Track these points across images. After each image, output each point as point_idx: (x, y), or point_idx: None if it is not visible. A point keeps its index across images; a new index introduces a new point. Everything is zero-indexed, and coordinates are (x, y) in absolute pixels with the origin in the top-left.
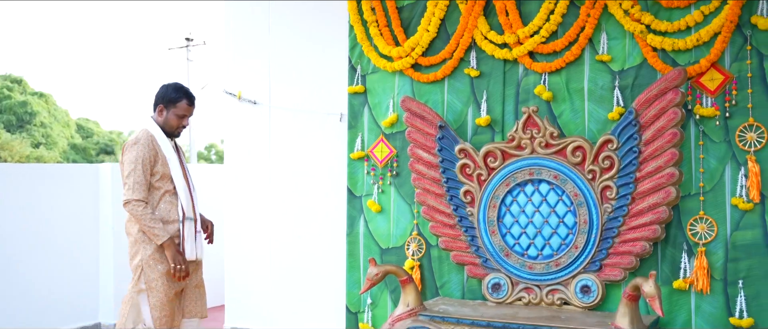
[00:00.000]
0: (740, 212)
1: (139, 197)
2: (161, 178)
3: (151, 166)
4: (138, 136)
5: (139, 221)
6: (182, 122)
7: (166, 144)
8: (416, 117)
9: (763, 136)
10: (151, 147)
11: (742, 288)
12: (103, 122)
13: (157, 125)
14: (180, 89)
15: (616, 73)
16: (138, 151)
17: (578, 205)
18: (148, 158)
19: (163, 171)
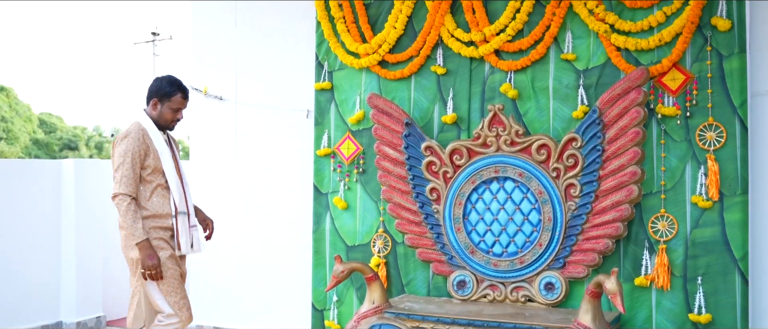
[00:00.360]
0: (700, 210)
1: (125, 191)
2: (153, 172)
3: (142, 159)
4: (129, 129)
5: (120, 215)
6: (177, 116)
7: (158, 138)
8: (383, 114)
9: (722, 135)
10: (141, 141)
11: (700, 285)
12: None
13: (151, 119)
14: (174, 83)
15: (580, 72)
16: (127, 144)
17: (543, 203)
18: (139, 151)
19: (155, 165)
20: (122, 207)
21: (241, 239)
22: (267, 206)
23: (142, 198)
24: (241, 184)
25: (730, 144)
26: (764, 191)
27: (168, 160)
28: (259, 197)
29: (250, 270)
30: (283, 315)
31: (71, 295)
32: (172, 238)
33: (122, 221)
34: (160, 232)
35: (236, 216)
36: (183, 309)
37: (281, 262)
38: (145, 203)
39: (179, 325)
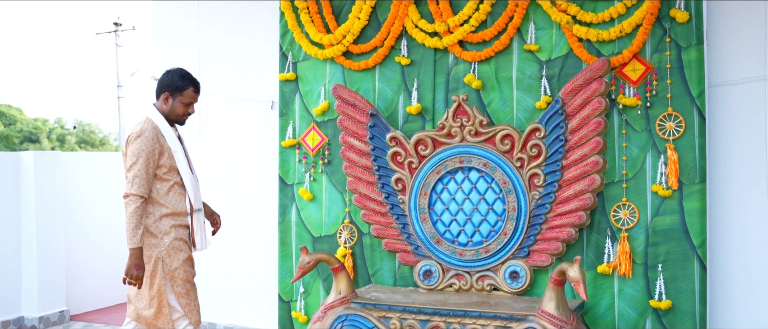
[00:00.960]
0: (660, 199)
1: (136, 192)
2: (169, 170)
3: (157, 159)
4: (142, 128)
5: (127, 215)
6: (188, 110)
7: (171, 134)
8: (347, 105)
9: (681, 125)
10: (155, 140)
11: (661, 272)
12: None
13: (161, 114)
14: (186, 77)
15: (543, 62)
16: (142, 144)
17: (507, 192)
18: (153, 151)
19: (170, 164)
20: (130, 208)
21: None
22: (232, 198)
23: (160, 196)
24: (205, 176)
25: (689, 134)
26: (721, 179)
27: (181, 157)
28: (224, 189)
29: (215, 262)
30: (250, 307)
31: (33, 290)
32: (189, 236)
33: (127, 221)
34: (181, 231)
35: None
36: (194, 312)
37: (247, 254)
38: (163, 200)
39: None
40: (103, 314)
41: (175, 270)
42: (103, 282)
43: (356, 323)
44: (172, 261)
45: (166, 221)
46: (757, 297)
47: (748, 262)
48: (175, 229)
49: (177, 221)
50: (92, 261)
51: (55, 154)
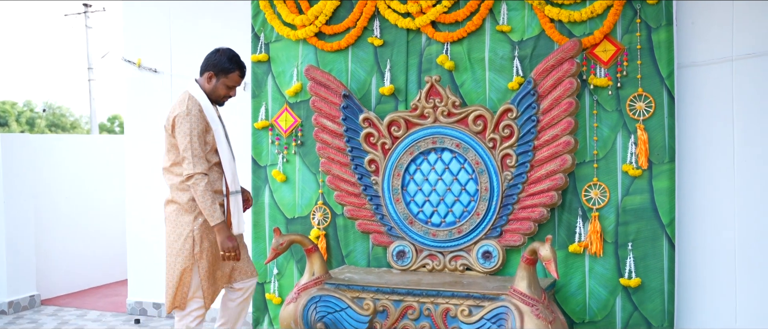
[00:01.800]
0: (630, 179)
1: (200, 170)
2: (211, 150)
3: (204, 136)
4: (188, 106)
5: (198, 196)
6: (230, 92)
7: (212, 113)
8: (320, 86)
9: (651, 105)
10: (201, 117)
11: (631, 250)
12: None
13: (203, 91)
14: (233, 59)
15: (515, 43)
16: (191, 123)
17: (480, 173)
18: (201, 129)
19: (213, 143)
20: (200, 188)
21: None
22: None
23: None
24: None
25: (659, 114)
26: (690, 159)
27: (222, 138)
28: None
29: None
30: None
31: (2, 274)
32: (224, 214)
33: (200, 202)
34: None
35: None
36: (208, 298)
37: None
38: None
39: (202, 311)
40: (75, 298)
41: (204, 251)
42: (74, 265)
43: (330, 304)
44: (202, 241)
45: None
46: (723, 275)
47: (715, 240)
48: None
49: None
50: (63, 244)
51: (24, 137)
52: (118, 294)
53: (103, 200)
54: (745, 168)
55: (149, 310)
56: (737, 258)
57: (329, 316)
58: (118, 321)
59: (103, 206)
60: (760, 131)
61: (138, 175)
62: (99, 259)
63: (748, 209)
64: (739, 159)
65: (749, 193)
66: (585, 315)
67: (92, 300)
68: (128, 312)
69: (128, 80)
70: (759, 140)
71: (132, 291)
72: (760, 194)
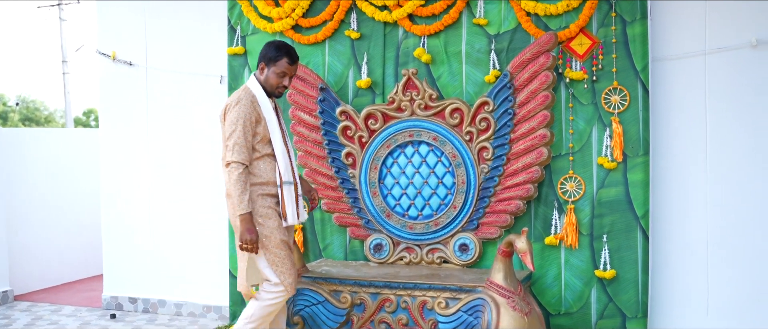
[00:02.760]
0: (605, 171)
1: (238, 159)
2: (261, 140)
3: (253, 127)
4: (239, 96)
5: (230, 183)
6: (282, 81)
7: (267, 105)
8: (297, 79)
9: (625, 99)
10: (252, 108)
11: (606, 242)
12: None
13: (259, 83)
14: (281, 47)
15: (492, 36)
16: (239, 111)
17: (456, 166)
18: (250, 118)
19: (264, 134)
20: (233, 176)
21: (155, 208)
22: (181, 173)
23: (251, 165)
24: (153, 151)
25: (633, 107)
26: (664, 151)
27: (275, 129)
28: (173, 165)
29: (165, 238)
30: (201, 283)
31: None
32: (277, 205)
33: (231, 189)
34: (269, 200)
35: (150, 185)
36: (287, 276)
37: (197, 230)
38: (253, 169)
39: (284, 294)
40: (49, 293)
41: (266, 238)
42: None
43: (307, 297)
44: (262, 229)
45: (254, 190)
46: (696, 265)
47: (688, 232)
48: (262, 198)
49: (265, 191)
50: (37, 239)
51: None
52: (94, 289)
53: (78, 194)
54: (718, 161)
55: (125, 304)
56: (709, 249)
57: (306, 309)
58: (94, 315)
59: (77, 200)
60: (732, 124)
61: (113, 169)
62: (74, 254)
63: (720, 201)
64: (712, 152)
65: (721, 185)
66: (561, 307)
67: (67, 296)
68: (104, 306)
69: (103, 73)
70: (730, 133)
71: (107, 286)
72: (732, 186)
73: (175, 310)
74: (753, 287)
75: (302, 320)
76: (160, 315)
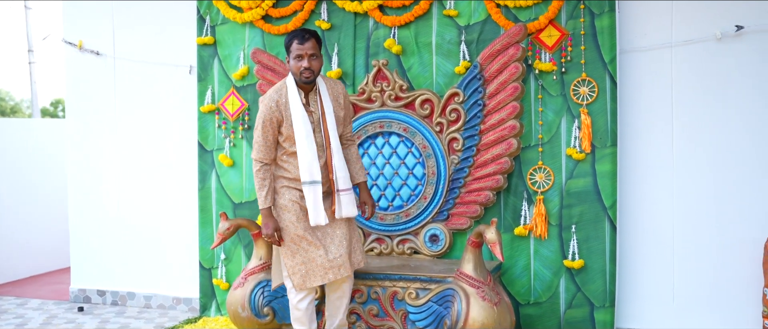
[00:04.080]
0: (574, 162)
1: (256, 157)
2: (287, 139)
3: (277, 126)
4: (268, 92)
5: (254, 179)
6: (301, 64)
7: (296, 101)
8: (267, 70)
9: (594, 90)
10: (273, 108)
11: (574, 233)
12: None
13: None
14: (292, 32)
15: (462, 28)
16: (261, 110)
17: (427, 157)
18: (270, 118)
19: (288, 133)
20: (254, 171)
21: (124, 199)
22: (150, 165)
23: (280, 160)
24: (121, 142)
25: (601, 99)
26: (631, 143)
27: (301, 127)
28: (142, 156)
29: (134, 230)
30: (170, 275)
31: None
32: (302, 199)
33: (255, 184)
34: (294, 193)
35: (117, 176)
36: (296, 275)
37: (166, 222)
38: (281, 163)
39: (297, 294)
40: (15, 286)
41: (283, 230)
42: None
43: (277, 289)
44: (279, 221)
45: (279, 182)
46: (662, 255)
47: (655, 222)
48: (287, 190)
49: (291, 185)
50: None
51: None
52: (61, 281)
53: (45, 186)
54: (684, 151)
55: (93, 297)
56: (675, 239)
57: (277, 301)
58: (61, 309)
59: (44, 192)
60: (698, 116)
61: (80, 160)
62: (40, 246)
63: (686, 192)
64: (678, 142)
65: (687, 176)
66: (530, 297)
67: (33, 289)
68: (71, 299)
69: (69, 63)
70: (697, 124)
71: (75, 279)
72: (698, 177)
73: (145, 302)
74: (718, 276)
75: (273, 311)
76: (129, 307)
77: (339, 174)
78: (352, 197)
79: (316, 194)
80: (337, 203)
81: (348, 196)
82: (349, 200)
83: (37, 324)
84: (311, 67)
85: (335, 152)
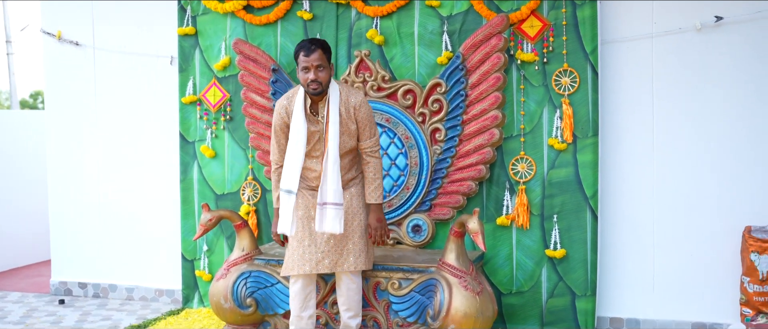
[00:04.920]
0: (556, 152)
1: (271, 158)
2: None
3: (283, 132)
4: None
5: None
6: (307, 76)
7: (299, 110)
8: (249, 60)
9: (575, 81)
10: (281, 114)
11: (556, 222)
12: None
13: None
14: (300, 43)
15: (444, 18)
16: (274, 115)
17: (409, 147)
18: (278, 123)
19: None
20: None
21: (105, 191)
22: (131, 156)
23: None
24: (102, 134)
25: (583, 89)
26: (612, 133)
27: (295, 136)
28: (123, 148)
29: (115, 222)
30: (152, 267)
31: None
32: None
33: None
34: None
35: (99, 168)
36: (287, 268)
37: (148, 214)
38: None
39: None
40: None
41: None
42: None
43: (260, 279)
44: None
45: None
46: (643, 244)
47: (635, 211)
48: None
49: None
50: None
51: None
52: (41, 274)
53: (25, 178)
54: (664, 141)
55: (74, 290)
56: (656, 228)
57: (259, 292)
58: (41, 302)
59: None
60: (678, 106)
61: (60, 152)
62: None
63: (666, 182)
64: (659, 132)
65: (668, 166)
66: (512, 286)
67: (13, 281)
68: (52, 292)
69: (48, 54)
70: (677, 114)
71: (56, 271)
72: (678, 166)
73: (127, 294)
74: (697, 265)
75: (256, 302)
76: (111, 299)
77: (328, 186)
78: (338, 213)
79: (289, 203)
80: (319, 214)
81: (334, 210)
82: (333, 215)
83: (17, 317)
84: (318, 78)
85: (331, 163)
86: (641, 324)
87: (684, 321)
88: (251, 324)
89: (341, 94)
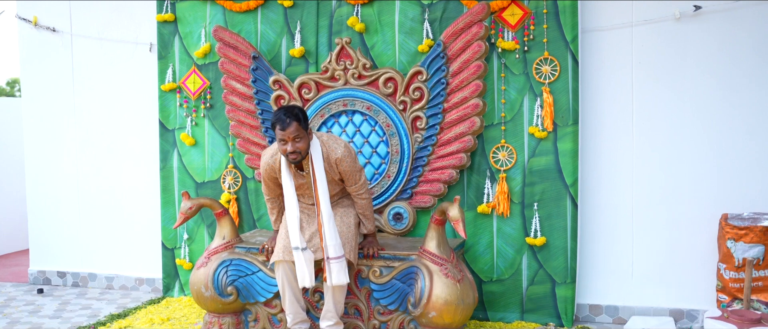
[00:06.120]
0: (536, 140)
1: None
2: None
3: (273, 182)
4: (266, 150)
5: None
6: (285, 148)
7: (285, 168)
8: (229, 48)
9: (556, 69)
10: (269, 170)
11: (536, 210)
12: None
13: None
14: (275, 113)
15: (425, 6)
16: (260, 165)
17: (390, 135)
18: (267, 176)
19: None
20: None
21: (84, 180)
22: (110, 144)
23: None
24: (80, 122)
25: (563, 77)
26: (592, 121)
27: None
28: (101, 136)
29: (94, 211)
30: (133, 256)
31: None
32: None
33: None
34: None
35: (77, 156)
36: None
37: (128, 202)
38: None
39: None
40: None
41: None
42: None
43: (240, 267)
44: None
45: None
46: (622, 232)
47: (615, 199)
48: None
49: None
50: None
51: None
52: (19, 263)
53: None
54: (643, 129)
55: (53, 279)
56: (635, 216)
57: (240, 280)
58: (20, 291)
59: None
60: (657, 94)
61: (37, 140)
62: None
63: (644, 170)
64: (638, 120)
65: (646, 154)
66: (493, 274)
67: None
68: (30, 281)
69: (24, 40)
70: (656, 103)
71: (34, 260)
72: (657, 155)
73: (106, 283)
74: (675, 252)
75: (236, 290)
76: (91, 288)
77: (328, 242)
78: (342, 265)
79: (303, 258)
80: (328, 270)
81: (339, 264)
82: (339, 269)
83: None
84: (296, 149)
85: (326, 219)
86: (620, 310)
87: (662, 307)
88: (232, 313)
89: (322, 150)
